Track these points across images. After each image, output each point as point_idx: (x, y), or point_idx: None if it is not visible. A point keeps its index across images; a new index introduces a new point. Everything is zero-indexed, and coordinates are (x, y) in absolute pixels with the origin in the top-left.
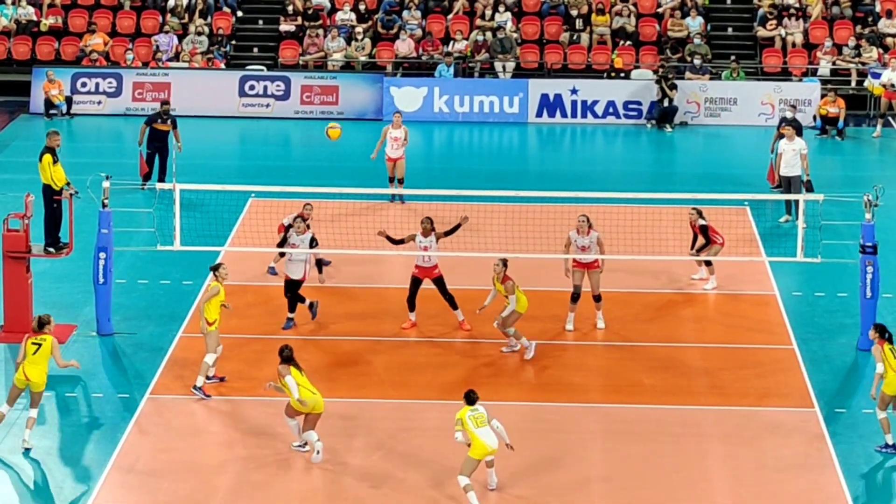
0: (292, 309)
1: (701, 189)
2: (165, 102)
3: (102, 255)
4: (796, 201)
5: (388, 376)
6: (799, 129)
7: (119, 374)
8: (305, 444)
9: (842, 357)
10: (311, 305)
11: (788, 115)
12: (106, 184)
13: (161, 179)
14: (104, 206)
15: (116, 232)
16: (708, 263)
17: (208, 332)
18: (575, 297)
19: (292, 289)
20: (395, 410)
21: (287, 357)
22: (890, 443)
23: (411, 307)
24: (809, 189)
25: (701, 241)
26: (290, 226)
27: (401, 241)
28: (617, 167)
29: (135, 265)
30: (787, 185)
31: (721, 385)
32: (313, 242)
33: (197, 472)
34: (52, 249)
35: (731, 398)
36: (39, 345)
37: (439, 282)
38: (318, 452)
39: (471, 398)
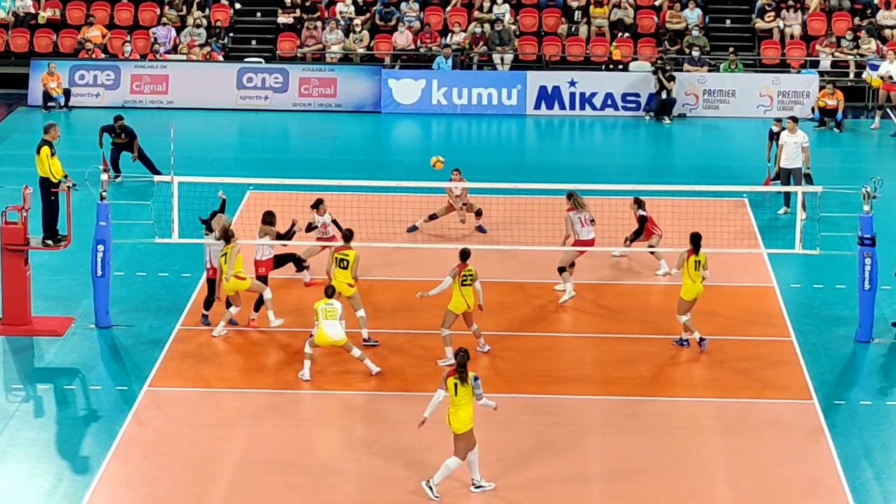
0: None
1: (699, 181)
2: (118, 118)
3: (101, 247)
4: (794, 193)
5: (387, 367)
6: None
7: (117, 367)
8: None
9: (840, 349)
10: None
11: (775, 129)
12: (104, 176)
13: (153, 172)
14: (102, 198)
15: (114, 224)
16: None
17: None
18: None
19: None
20: (399, 403)
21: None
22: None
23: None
24: (809, 181)
25: (635, 231)
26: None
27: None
28: (615, 159)
29: (133, 257)
30: (787, 177)
31: (720, 377)
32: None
33: (196, 465)
34: (50, 242)
35: (730, 390)
36: None
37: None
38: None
39: (328, 293)
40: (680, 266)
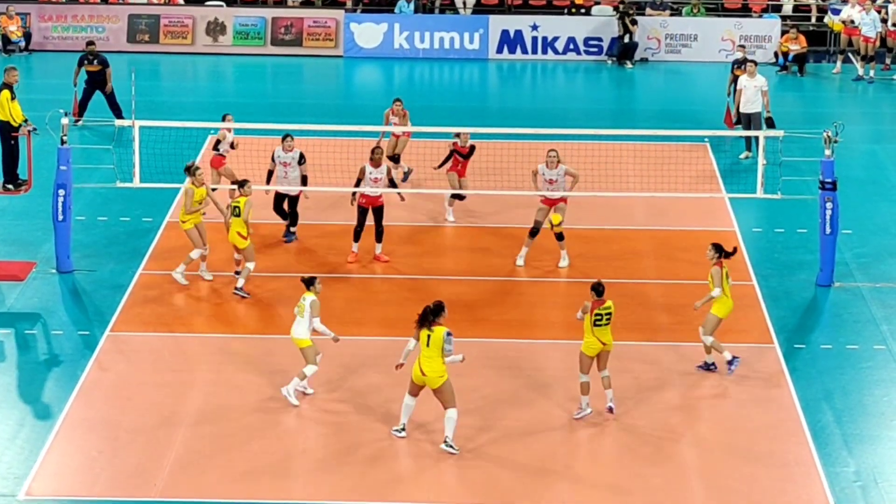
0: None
1: (661, 125)
2: (90, 43)
3: (61, 191)
4: (756, 137)
5: (343, 313)
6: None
7: (79, 312)
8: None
9: (801, 293)
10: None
11: (738, 55)
12: (65, 120)
13: (117, 116)
14: (63, 142)
15: (75, 168)
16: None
17: (246, 247)
18: (533, 231)
19: (292, 204)
20: (349, 347)
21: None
22: (710, 362)
23: (356, 237)
24: (771, 125)
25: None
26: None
27: (358, 182)
28: (577, 104)
29: (94, 202)
30: (748, 121)
31: (681, 321)
32: (302, 158)
33: (158, 409)
34: (10, 186)
35: (692, 334)
36: None
37: (379, 211)
38: None
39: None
40: (720, 284)
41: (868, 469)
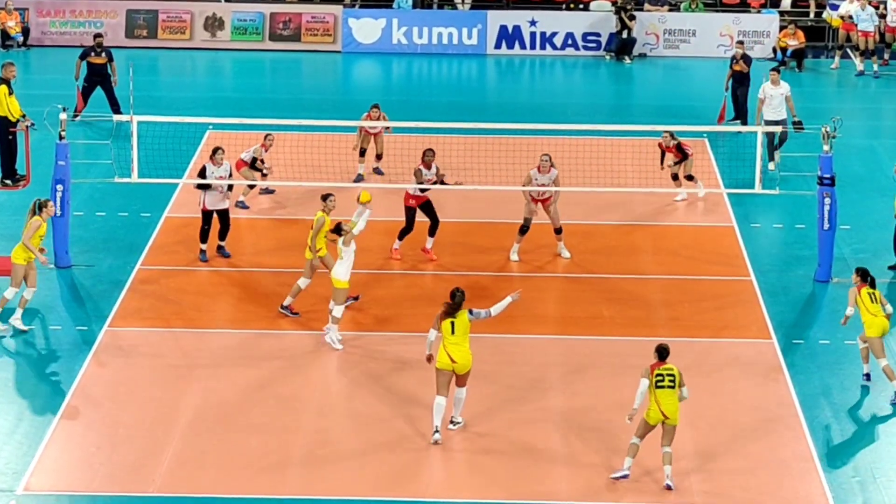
0: (223, 237)
1: (660, 121)
2: (98, 35)
3: (60, 187)
4: (772, 145)
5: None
6: (749, 63)
7: (77, 307)
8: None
9: (799, 289)
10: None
11: (738, 51)
12: (63, 115)
13: (115, 111)
14: (61, 137)
15: (74, 164)
16: (689, 178)
17: (310, 258)
18: (523, 229)
19: (225, 218)
20: (360, 342)
21: (452, 304)
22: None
23: (401, 237)
24: (800, 128)
25: (676, 157)
26: (253, 160)
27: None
28: (576, 99)
29: (92, 197)
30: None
31: (679, 317)
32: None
33: (157, 405)
34: (8, 181)
35: (690, 330)
36: None
37: (427, 205)
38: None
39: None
40: (853, 304)
41: (866, 465)
